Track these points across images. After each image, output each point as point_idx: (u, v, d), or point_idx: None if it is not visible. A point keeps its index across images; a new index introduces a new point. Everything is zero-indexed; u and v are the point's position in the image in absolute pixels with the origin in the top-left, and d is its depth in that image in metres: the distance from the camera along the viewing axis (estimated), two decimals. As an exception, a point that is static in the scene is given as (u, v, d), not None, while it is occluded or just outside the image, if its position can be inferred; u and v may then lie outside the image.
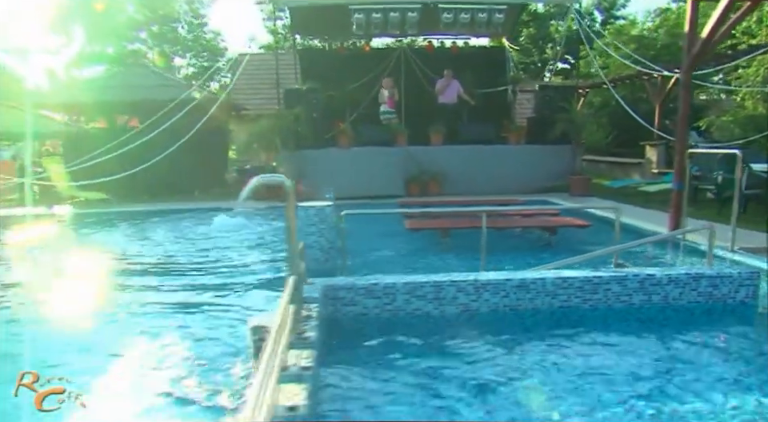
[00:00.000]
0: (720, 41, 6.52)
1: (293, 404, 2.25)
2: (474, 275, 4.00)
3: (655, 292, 4.07)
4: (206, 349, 3.59)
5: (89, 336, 4.01)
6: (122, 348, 3.72)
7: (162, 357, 3.49)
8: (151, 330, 4.05)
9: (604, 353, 3.52)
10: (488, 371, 3.19)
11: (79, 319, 4.26)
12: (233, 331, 3.91)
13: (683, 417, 2.72)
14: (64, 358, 3.45)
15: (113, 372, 3.33)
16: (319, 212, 5.32)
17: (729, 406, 2.81)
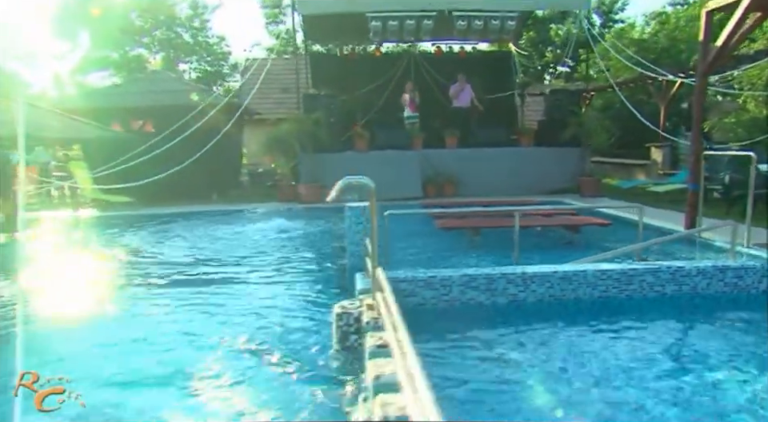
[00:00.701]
0: (733, 49, 6.92)
1: (379, 372, 2.57)
2: (521, 268, 4.38)
3: (685, 283, 4.45)
4: (290, 333, 3.95)
5: (195, 317, 4.38)
6: (218, 330, 4.08)
7: (251, 340, 3.84)
8: (232, 315, 4.43)
9: (641, 338, 3.89)
10: (537, 354, 3.56)
11: (186, 303, 4.65)
12: (309, 317, 4.28)
13: (716, 389, 3.09)
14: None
15: (212, 350, 3.67)
16: (364, 212, 5.67)
17: (758, 380, 3.18)
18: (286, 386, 3.10)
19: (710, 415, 2.78)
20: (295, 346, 3.71)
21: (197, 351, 3.72)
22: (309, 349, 3.63)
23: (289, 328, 4.14)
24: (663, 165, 14.37)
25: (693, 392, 3.04)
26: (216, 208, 11.88)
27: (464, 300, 4.24)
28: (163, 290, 5.53)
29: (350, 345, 3.39)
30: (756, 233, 6.58)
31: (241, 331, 4.07)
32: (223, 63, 38.33)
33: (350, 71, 15.07)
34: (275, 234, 8.47)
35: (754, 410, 2.81)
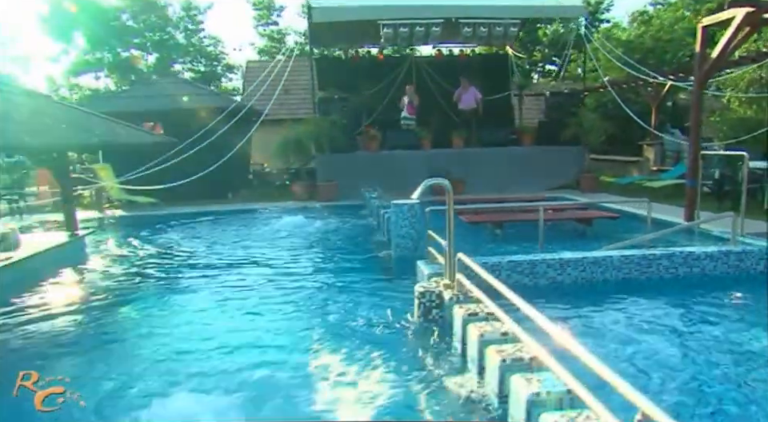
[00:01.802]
0: (726, 59, 7.73)
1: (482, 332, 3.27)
2: (558, 255, 5.13)
3: (695, 266, 5.24)
4: (366, 311, 4.66)
5: (272, 299, 5.06)
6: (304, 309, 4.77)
7: (337, 319, 4.53)
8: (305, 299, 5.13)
9: (659, 311, 4.65)
10: (575, 327, 4.29)
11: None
12: (378, 297, 4.99)
13: (724, 345, 3.85)
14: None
15: (310, 326, 4.36)
16: (410, 209, 6.38)
17: (758, 339, 3.96)
18: (386, 348, 3.79)
19: (721, 360, 3.55)
20: (379, 319, 4.42)
21: (299, 322, 4.43)
22: (392, 323, 4.33)
23: (363, 307, 4.83)
24: (655, 161, 15.27)
25: (705, 347, 3.82)
26: (239, 207, 12.48)
27: (510, 282, 4.95)
28: (231, 279, 6.19)
29: (432, 317, 4.11)
30: (745, 223, 7.45)
31: (322, 312, 4.76)
32: (216, 63, 38.61)
33: (354, 74, 15.67)
34: (307, 230, 9.13)
35: (756, 357, 3.59)
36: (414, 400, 3.05)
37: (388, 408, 2.96)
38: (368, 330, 4.21)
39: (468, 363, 3.37)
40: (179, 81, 16.23)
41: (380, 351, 3.71)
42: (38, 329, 4.78)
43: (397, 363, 3.51)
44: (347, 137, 13.00)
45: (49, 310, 5.32)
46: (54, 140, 5.41)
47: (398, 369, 3.42)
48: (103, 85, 36.69)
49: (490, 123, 14.59)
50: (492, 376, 2.90)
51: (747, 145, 11.98)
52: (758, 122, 11.74)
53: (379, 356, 3.62)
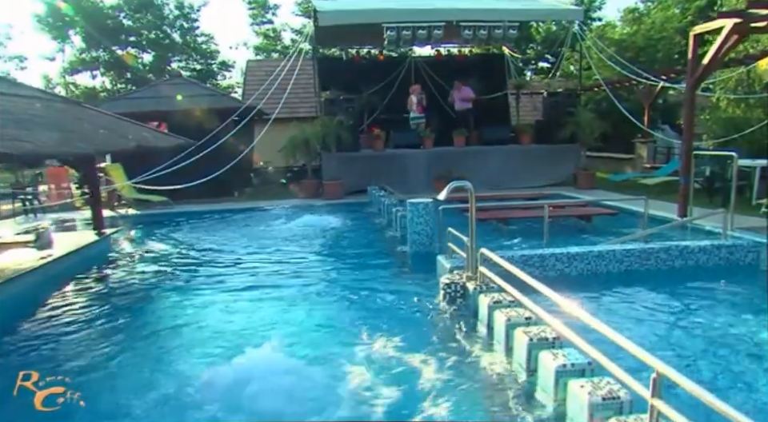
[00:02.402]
0: (716, 65, 8.24)
1: (508, 316, 3.73)
2: (566, 249, 5.61)
3: (690, 258, 5.74)
4: (392, 301, 5.12)
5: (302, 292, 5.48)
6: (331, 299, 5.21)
7: (368, 309, 4.98)
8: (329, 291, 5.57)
9: (658, 299, 5.14)
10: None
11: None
12: (399, 289, 5.45)
13: (714, 331, 4.33)
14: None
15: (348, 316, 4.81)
16: (425, 208, 6.83)
17: (746, 324, 4.45)
18: (417, 333, 4.25)
19: (714, 342, 4.04)
20: (408, 309, 4.88)
21: (332, 310, 4.88)
22: (421, 311, 4.80)
23: (389, 298, 5.30)
24: (648, 158, 15.82)
25: (702, 328, 4.31)
26: (248, 205, 12.89)
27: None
28: (257, 272, 6.63)
29: (457, 306, 4.57)
30: (736, 219, 7.96)
31: (352, 302, 5.22)
32: (212, 61, 38.82)
33: (355, 74, 16.04)
34: (320, 227, 9.55)
35: (747, 338, 4.09)
36: (450, 376, 3.51)
37: (429, 381, 3.41)
38: (399, 317, 4.67)
39: (495, 344, 3.84)
40: (185, 82, 16.52)
41: (412, 335, 4.16)
42: (85, 319, 5.21)
43: (430, 345, 3.97)
44: (353, 137, 13.41)
45: (90, 303, 5.76)
46: (99, 145, 5.80)
47: (433, 350, 3.87)
48: (99, 84, 36.84)
49: (489, 122, 15.07)
50: (520, 353, 3.37)
51: (736, 143, 12.55)
52: (746, 121, 12.28)
53: (413, 339, 4.08)
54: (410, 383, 3.40)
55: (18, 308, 5.43)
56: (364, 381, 3.40)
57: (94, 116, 7.05)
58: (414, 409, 3.10)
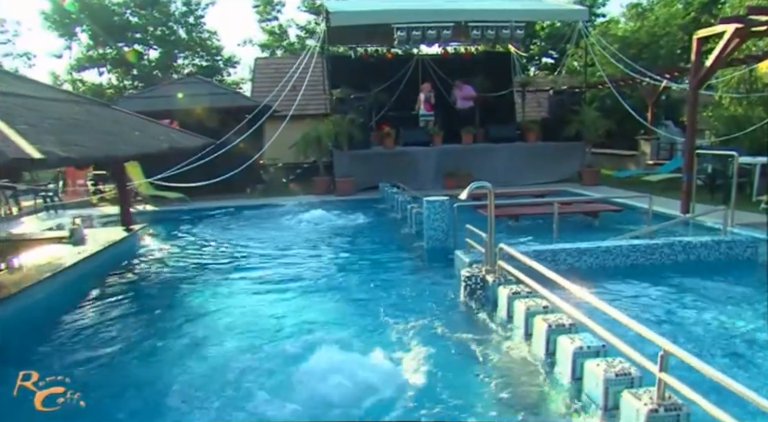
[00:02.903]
0: (718, 67, 8.58)
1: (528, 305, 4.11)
2: (575, 244, 5.97)
3: (692, 253, 6.11)
4: (413, 292, 5.50)
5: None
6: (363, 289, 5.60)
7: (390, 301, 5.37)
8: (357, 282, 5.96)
9: (663, 290, 5.51)
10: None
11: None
12: (419, 282, 5.83)
13: (713, 319, 4.69)
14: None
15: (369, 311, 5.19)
16: (441, 205, 7.20)
17: (743, 313, 4.82)
18: (441, 321, 4.63)
19: (713, 328, 4.42)
20: (431, 299, 5.26)
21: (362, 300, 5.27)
22: (443, 301, 5.18)
23: (413, 289, 5.69)
24: (651, 155, 16.16)
25: (702, 317, 4.69)
26: (262, 202, 13.26)
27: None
28: (281, 264, 7.02)
29: (476, 297, 4.95)
30: (736, 216, 8.31)
31: (377, 293, 5.60)
32: (218, 58, 39.09)
33: (364, 72, 16.35)
34: (336, 223, 9.94)
35: (742, 325, 4.47)
36: (475, 358, 3.89)
37: (455, 364, 3.79)
38: (424, 307, 5.05)
39: (514, 330, 4.22)
40: (199, 81, 16.87)
41: (438, 323, 4.55)
42: (122, 308, 5.63)
43: (454, 331, 4.36)
44: (364, 135, 13.76)
45: (126, 294, 6.17)
46: (140, 148, 6.17)
47: (457, 336, 4.26)
48: (106, 81, 37.14)
49: (495, 119, 15.38)
50: (539, 338, 3.75)
51: (738, 140, 12.88)
52: (748, 119, 12.60)
53: (439, 326, 4.46)
54: (440, 365, 3.77)
55: (65, 298, 5.83)
56: (396, 362, 3.77)
57: (124, 117, 7.42)
58: (443, 387, 3.47)
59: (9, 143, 3.73)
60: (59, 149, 4.14)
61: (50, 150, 3.91)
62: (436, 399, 3.34)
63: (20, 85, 6.59)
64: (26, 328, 5.02)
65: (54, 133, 4.69)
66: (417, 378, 3.56)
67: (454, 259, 6.25)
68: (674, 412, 2.56)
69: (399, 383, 3.49)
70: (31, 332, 5.00)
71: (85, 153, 4.55)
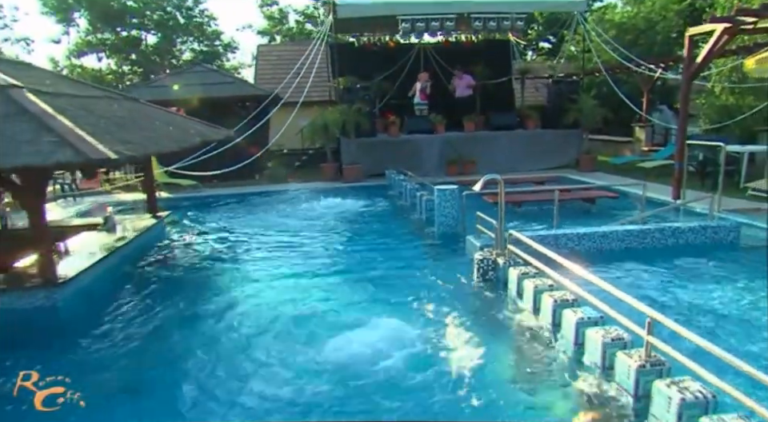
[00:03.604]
0: (709, 61, 9.12)
1: (536, 284, 4.72)
2: (575, 230, 6.58)
3: (681, 237, 6.73)
4: (429, 273, 6.11)
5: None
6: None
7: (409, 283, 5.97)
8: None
9: (653, 271, 6.13)
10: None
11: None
12: (433, 264, 6.44)
13: (705, 293, 5.32)
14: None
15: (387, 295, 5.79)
16: (452, 193, 7.78)
17: (723, 290, 5.44)
18: (458, 298, 5.24)
19: (697, 304, 5.05)
20: (447, 279, 5.87)
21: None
22: (458, 281, 5.79)
23: (429, 270, 6.30)
24: (646, 141, 16.74)
25: (687, 293, 5.32)
26: (272, 188, 13.82)
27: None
28: (299, 247, 7.62)
29: (489, 278, 5.56)
30: (724, 202, 8.91)
31: (396, 273, 6.21)
32: (218, 43, 39.22)
33: (367, 60, 16.76)
34: (348, 209, 10.53)
35: (723, 300, 5.10)
36: (490, 330, 4.50)
37: (474, 333, 4.39)
38: (441, 287, 5.67)
39: (523, 306, 4.84)
40: (207, 70, 17.27)
41: (456, 301, 5.17)
42: (160, 289, 6.26)
43: (470, 307, 4.99)
44: (370, 123, 14.28)
45: (162, 275, 6.78)
46: (179, 143, 6.70)
47: (473, 311, 4.88)
48: (105, 66, 37.23)
49: (495, 107, 15.90)
50: (546, 312, 4.37)
51: (729, 128, 13.46)
52: (738, 108, 13.17)
53: (456, 304, 5.08)
54: (459, 336, 4.39)
55: (113, 280, 6.42)
56: (421, 334, 4.39)
57: (153, 112, 7.93)
58: (462, 357, 4.08)
59: (86, 144, 4.28)
60: (123, 148, 4.69)
61: (119, 150, 4.46)
62: (460, 360, 3.96)
63: (60, 82, 7.10)
64: (84, 308, 5.61)
65: (110, 132, 5.23)
66: (440, 344, 4.18)
67: (464, 243, 6.86)
68: (658, 367, 3.18)
69: (424, 349, 4.11)
70: (89, 311, 5.60)
71: (141, 151, 5.10)
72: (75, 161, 4.13)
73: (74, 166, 5.23)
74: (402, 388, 3.66)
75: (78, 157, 4.12)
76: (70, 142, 4.25)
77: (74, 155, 4.14)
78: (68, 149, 4.18)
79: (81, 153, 4.14)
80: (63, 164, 4.27)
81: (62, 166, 4.67)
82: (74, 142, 4.25)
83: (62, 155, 4.14)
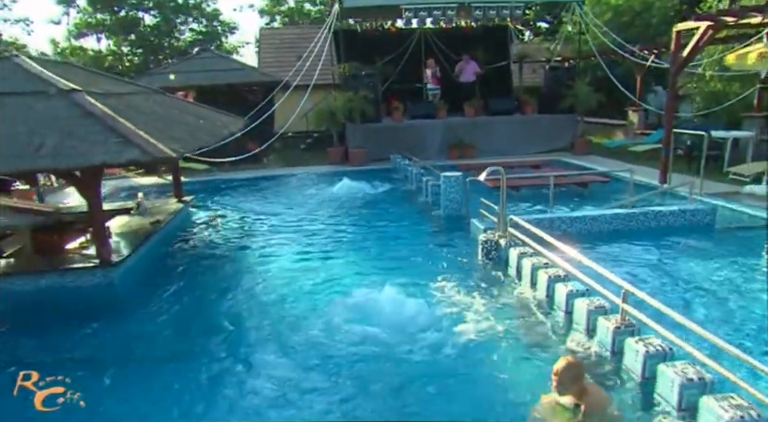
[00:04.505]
0: (695, 55, 9.79)
1: (534, 262, 5.51)
2: (568, 213, 7.36)
3: (662, 220, 7.51)
4: (434, 252, 6.91)
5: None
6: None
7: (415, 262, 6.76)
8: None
9: (637, 250, 6.92)
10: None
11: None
12: (437, 245, 7.23)
13: (683, 268, 6.12)
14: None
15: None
16: (456, 180, 8.53)
17: (697, 267, 6.24)
18: (465, 274, 6.02)
19: (672, 278, 5.85)
20: (454, 257, 6.66)
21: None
22: (457, 260, 6.58)
23: (438, 249, 7.09)
24: (639, 125, 17.44)
25: (664, 270, 6.12)
26: (282, 172, 14.54)
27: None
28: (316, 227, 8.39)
29: (492, 257, 6.35)
30: (705, 184, 9.66)
31: (407, 251, 7.00)
32: (217, 23, 39.33)
33: (370, 45, 17.28)
34: (357, 192, 11.26)
35: (697, 277, 5.90)
36: (490, 304, 5.29)
37: (472, 309, 5.16)
38: (450, 264, 6.46)
39: (522, 281, 5.63)
40: (215, 55, 17.80)
41: (463, 276, 5.96)
42: (196, 265, 7.06)
43: (475, 282, 5.78)
44: (375, 109, 14.93)
45: (196, 253, 7.55)
46: (214, 137, 7.40)
47: (478, 285, 5.67)
48: (105, 47, 37.38)
49: (494, 91, 16.54)
50: (541, 286, 5.17)
51: (717, 114, 14.15)
52: (726, 95, 13.86)
53: (464, 278, 5.87)
54: (467, 305, 5.19)
55: (157, 258, 7.19)
56: (434, 309, 5.18)
57: (181, 105, 8.61)
58: (470, 321, 4.87)
59: (150, 144, 4.99)
60: (176, 145, 5.40)
61: (175, 148, 5.18)
62: (468, 324, 4.76)
63: (100, 80, 7.75)
64: (133, 285, 6.38)
65: (158, 130, 5.93)
66: (450, 313, 4.99)
67: (468, 225, 7.63)
68: (630, 328, 3.98)
69: (437, 318, 4.91)
70: (137, 288, 6.38)
71: (188, 147, 5.82)
72: (143, 160, 4.84)
73: (140, 164, 5.92)
74: (415, 337, 4.53)
75: (145, 156, 4.84)
76: (136, 143, 4.96)
77: (141, 154, 4.86)
78: (135, 149, 4.89)
79: (147, 153, 4.86)
80: (133, 161, 4.98)
81: (131, 163, 5.36)
82: (139, 143, 4.96)
83: (131, 154, 4.86)
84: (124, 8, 35.64)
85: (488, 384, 3.95)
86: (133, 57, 36.74)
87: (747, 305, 5.12)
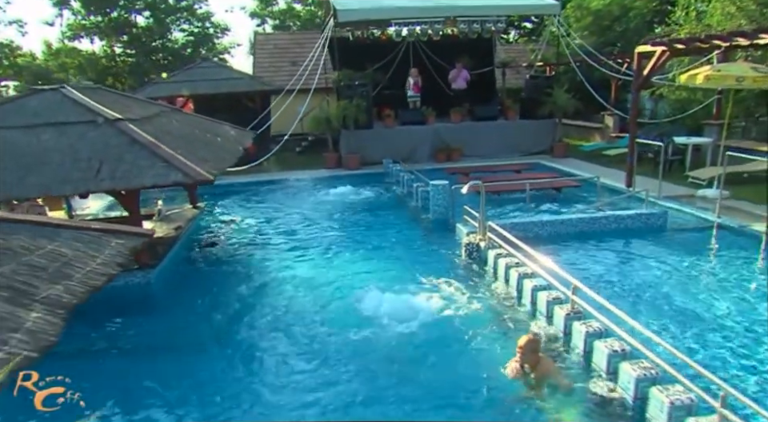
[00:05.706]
0: (652, 76, 10.97)
1: (508, 262, 6.66)
2: (540, 218, 8.53)
3: (621, 223, 8.69)
4: (423, 252, 8.03)
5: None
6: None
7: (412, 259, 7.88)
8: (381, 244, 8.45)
9: (603, 250, 8.08)
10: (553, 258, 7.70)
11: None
12: (426, 246, 8.35)
13: (638, 267, 7.29)
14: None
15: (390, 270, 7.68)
16: (443, 187, 9.64)
17: (649, 265, 7.41)
18: (448, 272, 7.15)
19: (626, 272, 7.01)
20: (439, 256, 7.79)
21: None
22: (444, 259, 7.71)
23: (425, 249, 8.22)
24: (614, 128, 18.68)
25: (620, 266, 7.29)
26: (282, 176, 15.54)
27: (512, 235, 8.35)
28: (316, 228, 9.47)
29: (473, 257, 7.48)
30: (665, 187, 10.77)
31: (397, 251, 8.12)
32: (209, 25, 40.00)
33: (361, 53, 18.24)
34: (353, 197, 12.37)
35: (645, 274, 7.07)
36: (471, 296, 6.42)
37: (456, 300, 6.28)
38: (437, 263, 7.59)
39: (498, 278, 6.77)
40: (215, 65, 18.73)
41: (448, 273, 7.09)
42: (218, 267, 8.07)
43: (457, 279, 6.91)
44: (368, 116, 16.00)
45: (216, 256, 8.59)
46: (233, 155, 8.43)
47: (459, 282, 6.80)
48: (99, 48, 37.93)
49: (479, 97, 17.67)
50: (513, 283, 6.31)
51: (682, 121, 15.36)
52: (690, 103, 15.10)
53: (449, 276, 6.99)
54: (451, 298, 6.32)
55: (179, 263, 8.24)
56: (425, 299, 6.30)
57: (196, 121, 9.62)
58: (454, 308, 6.00)
59: (190, 168, 6.04)
60: (207, 166, 6.46)
61: (210, 171, 6.24)
62: (450, 314, 5.89)
63: (127, 103, 8.74)
64: (166, 284, 7.43)
65: (190, 152, 6.97)
66: (439, 305, 6.11)
67: (454, 228, 8.76)
68: (578, 315, 5.13)
69: (427, 309, 6.03)
70: (170, 287, 7.43)
71: (218, 168, 6.87)
72: (186, 182, 5.89)
73: (182, 185, 6.96)
74: (408, 318, 5.70)
75: (187, 179, 5.90)
76: (177, 167, 6.02)
77: (183, 177, 5.92)
78: (178, 172, 5.95)
79: (188, 176, 5.92)
80: (178, 183, 6.03)
81: (176, 184, 6.39)
82: (180, 167, 6.02)
83: (176, 176, 5.92)
84: (116, 9, 36.17)
85: (470, 353, 5.11)
86: (126, 58, 37.33)
87: (673, 295, 6.28)
